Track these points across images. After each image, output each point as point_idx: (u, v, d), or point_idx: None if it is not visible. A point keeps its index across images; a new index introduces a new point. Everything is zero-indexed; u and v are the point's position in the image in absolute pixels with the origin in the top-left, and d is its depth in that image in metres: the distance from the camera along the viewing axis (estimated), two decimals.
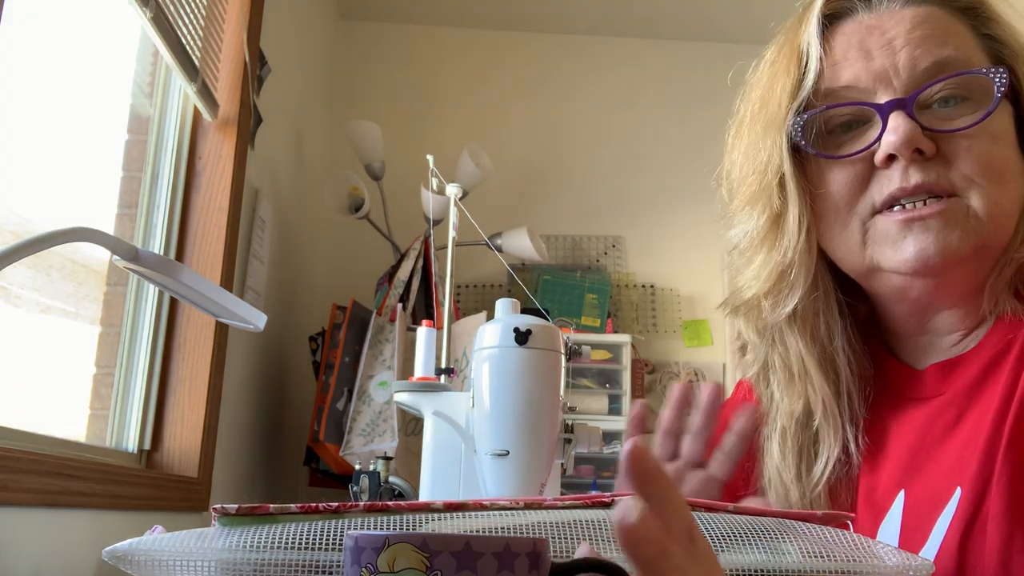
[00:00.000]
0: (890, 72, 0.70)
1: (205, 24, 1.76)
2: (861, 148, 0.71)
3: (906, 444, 0.74)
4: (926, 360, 0.76)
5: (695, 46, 3.37)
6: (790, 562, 0.52)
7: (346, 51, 3.30)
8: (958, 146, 0.69)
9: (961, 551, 0.64)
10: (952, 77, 0.69)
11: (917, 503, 0.70)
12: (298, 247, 2.69)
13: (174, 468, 1.66)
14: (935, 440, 0.71)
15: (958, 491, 0.66)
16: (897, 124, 0.68)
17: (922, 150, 0.68)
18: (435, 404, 1.01)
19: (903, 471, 0.73)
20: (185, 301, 0.83)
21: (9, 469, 1.05)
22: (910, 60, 0.70)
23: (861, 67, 0.72)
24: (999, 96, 0.69)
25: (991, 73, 0.69)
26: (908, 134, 0.68)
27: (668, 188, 3.22)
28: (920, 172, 0.69)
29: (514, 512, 0.55)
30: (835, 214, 0.73)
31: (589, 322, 2.97)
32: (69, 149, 1.47)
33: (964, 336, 0.74)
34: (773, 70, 0.77)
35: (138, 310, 1.66)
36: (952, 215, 0.68)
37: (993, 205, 0.68)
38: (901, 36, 0.71)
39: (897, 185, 0.69)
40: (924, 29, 0.71)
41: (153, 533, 0.55)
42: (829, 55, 0.74)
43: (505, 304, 0.99)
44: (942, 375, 0.73)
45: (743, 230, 0.79)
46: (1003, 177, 0.69)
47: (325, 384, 2.27)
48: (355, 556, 0.45)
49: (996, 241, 0.70)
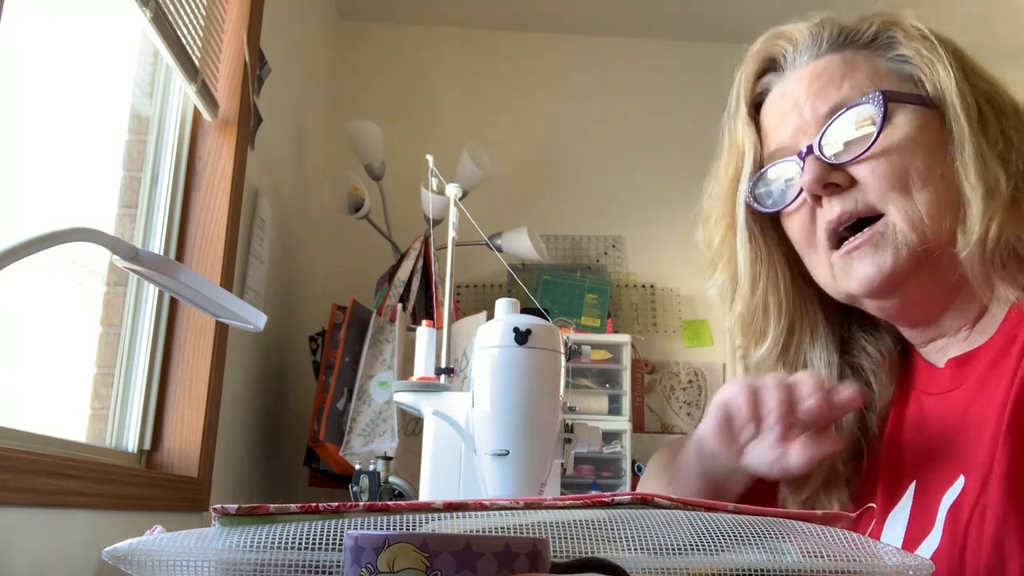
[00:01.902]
0: (802, 125, 0.80)
1: (205, 24, 1.76)
2: (795, 196, 0.80)
3: (923, 437, 0.77)
4: (946, 356, 0.79)
5: (695, 46, 3.37)
6: (790, 562, 0.52)
7: (346, 51, 3.30)
8: (864, 170, 0.76)
9: (963, 535, 0.66)
10: (844, 113, 0.77)
11: (925, 491, 0.72)
12: (298, 247, 2.69)
13: (174, 468, 1.66)
14: (947, 430, 0.74)
15: (961, 479, 0.69)
16: (807, 168, 0.77)
17: (836, 183, 0.76)
18: (435, 404, 1.01)
19: (917, 462, 0.76)
20: (185, 301, 0.83)
21: (9, 469, 1.05)
22: (812, 111, 0.79)
23: (782, 130, 0.82)
24: (881, 117, 0.75)
25: (869, 99, 0.76)
26: (815, 173, 0.76)
27: (668, 188, 3.22)
28: (839, 203, 0.77)
29: (514, 512, 0.55)
30: (806, 255, 0.83)
31: (589, 322, 2.97)
32: (69, 149, 1.47)
33: (972, 328, 0.77)
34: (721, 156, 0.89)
35: (138, 310, 1.66)
36: (879, 238, 0.75)
37: (911, 214, 0.74)
38: (803, 93, 0.80)
39: (826, 218, 0.78)
40: (820, 80, 0.80)
41: (153, 533, 0.55)
42: (761, 130, 0.85)
43: (505, 304, 0.99)
44: (958, 369, 0.76)
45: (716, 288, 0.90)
46: (910, 186, 0.75)
47: (325, 384, 2.27)
48: (355, 556, 0.45)
49: (934, 243, 0.74)
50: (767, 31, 0.86)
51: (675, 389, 3.15)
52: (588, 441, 0.99)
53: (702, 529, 0.54)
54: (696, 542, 0.53)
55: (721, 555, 0.53)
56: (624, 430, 2.69)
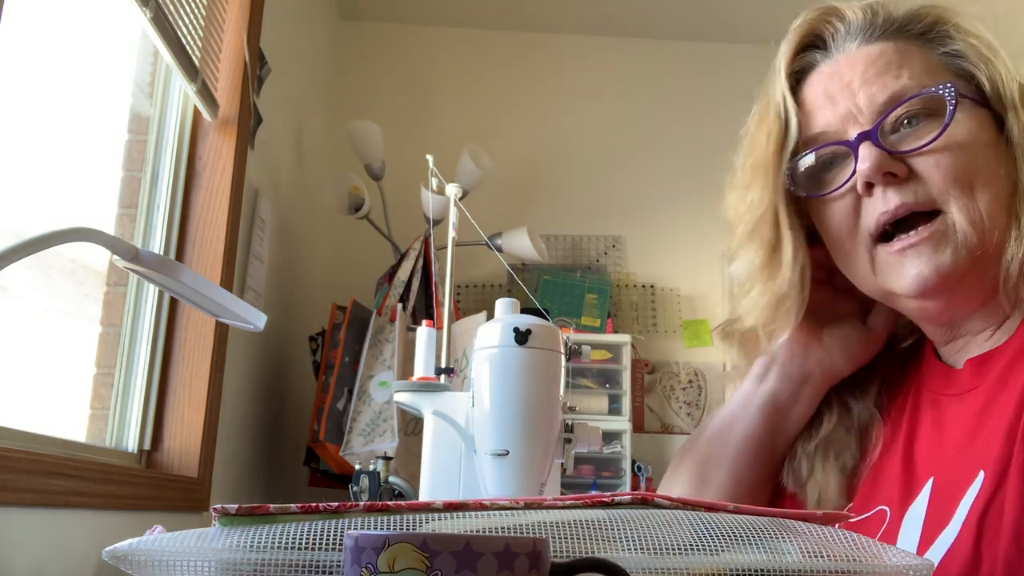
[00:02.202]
0: (854, 112, 0.77)
1: (205, 24, 1.76)
2: (842, 183, 0.77)
3: (941, 436, 0.76)
4: (964, 357, 0.79)
5: (695, 46, 3.38)
6: (790, 562, 0.52)
7: (346, 51, 3.30)
8: (927, 163, 0.73)
9: (979, 529, 0.66)
10: (908, 101, 0.75)
11: (943, 487, 0.72)
12: (298, 247, 2.69)
13: (174, 468, 1.66)
14: (966, 429, 0.73)
15: (981, 474, 0.68)
16: (865, 154, 0.74)
17: (895, 173, 0.74)
18: (435, 404, 1.01)
19: (934, 460, 0.75)
20: (185, 301, 0.83)
21: (9, 469, 1.05)
22: (868, 97, 0.76)
23: (829, 112, 0.78)
24: (952, 109, 0.73)
25: (941, 89, 0.74)
26: (876, 160, 0.73)
27: (668, 188, 3.22)
28: (898, 194, 0.74)
29: (514, 512, 0.55)
30: (841, 247, 0.80)
31: (589, 322, 2.97)
32: (69, 149, 1.47)
33: (996, 329, 0.77)
34: (758, 124, 0.85)
35: (138, 310, 1.66)
36: (940, 236, 0.73)
37: (973, 213, 0.72)
38: (857, 78, 0.77)
39: (880, 209, 0.75)
40: (877, 67, 0.77)
41: (153, 533, 0.55)
42: (802, 107, 0.81)
43: (505, 304, 0.99)
44: (977, 369, 0.76)
45: (741, 264, 0.86)
46: (974, 184, 0.73)
47: (325, 384, 2.27)
48: (355, 556, 0.45)
49: (990, 245, 0.73)
50: (816, 6, 0.82)
51: (675, 389, 3.15)
52: (588, 441, 0.98)
53: (702, 529, 0.54)
54: (696, 542, 0.53)
55: (721, 555, 0.53)
56: (624, 430, 2.69)
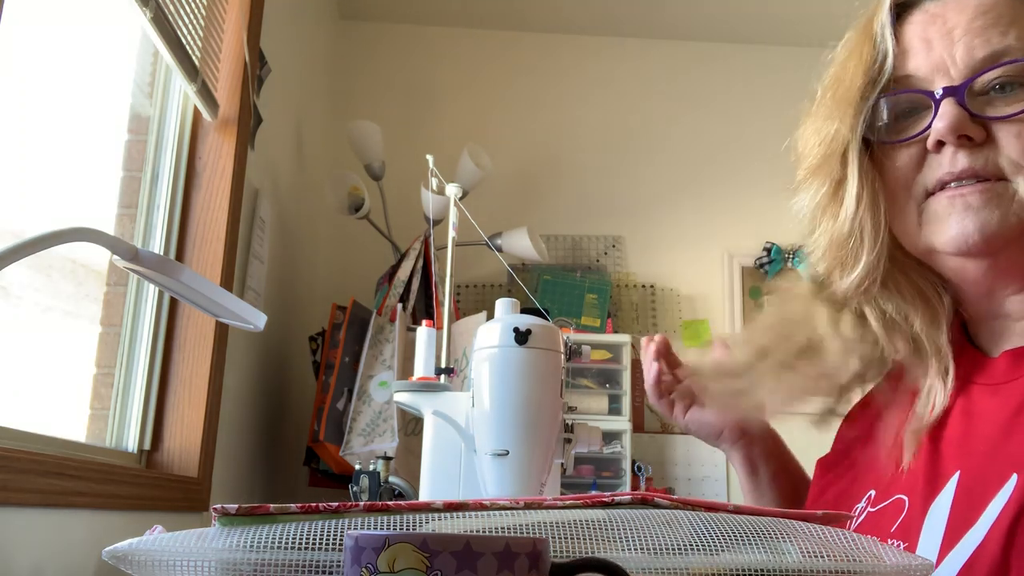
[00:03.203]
0: (947, 62, 0.72)
1: (205, 24, 1.76)
2: (915, 134, 0.74)
3: (970, 428, 0.74)
4: (1001, 347, 0.76)
5: (695, 46, 3.37)
6: (790, 562, 0.52)
7: (346, 51, 3.30)
8: (1008, 132, 0.70)
9: (1008, 537, 0.64)
10: (1006, 64, 0.70)
11: (971, 485, 0.70)
12: (298, 247, 2.69)
13: (174, 468, 1.66)
14: (999, 425, 0.71)
15: (1014, 477, 0.66)
16: (945, 111, 0.71)
17: (970, 136, 0.70)
18: (435, 404, 1.01)
19: (962, 453, 0.73)
20: (185, 301, 0.83)
21: (9, 469, 1.05)
22: (967, 50, 0.72)
23: (922, 57, 0.74)
24: None
25: None
26: (954, 120, 0.70)
27: (668, 188, 3.22)
28: (968, 157, 0.71)
29: (514, 512, 0.55)
30: (895, 197, 0.76)
31: (589, 322, 2.97)
32: (69, 149, 1.47)
33: None
34: (848, 52, 0.80)
35: (138, 310, 1.66)
36: (994, 196, 0.70)
37: None
38: (961, 26, 0.73)
39: (945, 169, 0.72)
40: (986, 18, 0.72)
41: (153, 533, 0.55)
42: (899, 43, 0.76)
43: (505, 304, 0.99)
44: (1014, 362, 0.74)
45: (806, 199, 0.82)
46: None
47: (325, 384, 2.27)
48: (355, 556, 0.45)
49: None
50: None
51: None
52: (588, 441, 0.98)
53: (702, 529, 0.54)
54: (696, 542, 0.53)
55: (721, 555, 0.53)
56: (624, 430, 2.69)
